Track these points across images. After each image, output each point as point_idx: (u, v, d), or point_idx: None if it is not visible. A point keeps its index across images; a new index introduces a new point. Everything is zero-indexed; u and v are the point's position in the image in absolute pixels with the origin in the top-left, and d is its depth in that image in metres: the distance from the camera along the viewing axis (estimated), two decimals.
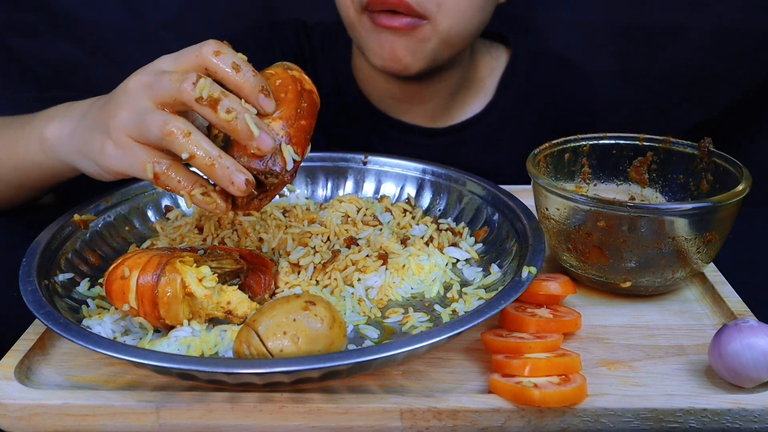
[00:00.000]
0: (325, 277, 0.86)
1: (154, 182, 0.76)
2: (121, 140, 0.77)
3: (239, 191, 0.73)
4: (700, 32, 1.53)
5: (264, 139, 0.73)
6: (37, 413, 0.68)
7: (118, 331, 0.77)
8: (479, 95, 1.33)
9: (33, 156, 0.96)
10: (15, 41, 1.51)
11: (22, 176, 1.02)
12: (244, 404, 0.68)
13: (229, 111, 0.71)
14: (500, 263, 0.88)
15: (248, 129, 0.72)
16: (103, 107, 0.81)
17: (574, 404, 0.67)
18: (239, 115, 0.72)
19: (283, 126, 0.75)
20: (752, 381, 0.70)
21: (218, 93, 0.72)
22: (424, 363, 0.75)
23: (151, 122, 0.74)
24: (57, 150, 0.91)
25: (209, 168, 0.73)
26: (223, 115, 0.71)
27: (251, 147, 0.73)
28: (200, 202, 0.76)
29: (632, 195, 0.97)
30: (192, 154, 0.72)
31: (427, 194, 1.04)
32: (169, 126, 0.73)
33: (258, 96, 0.74)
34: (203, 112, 0.72)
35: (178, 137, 0.72)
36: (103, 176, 0.84)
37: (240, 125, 0.72)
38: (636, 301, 0.87)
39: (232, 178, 0.73)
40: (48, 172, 0.97)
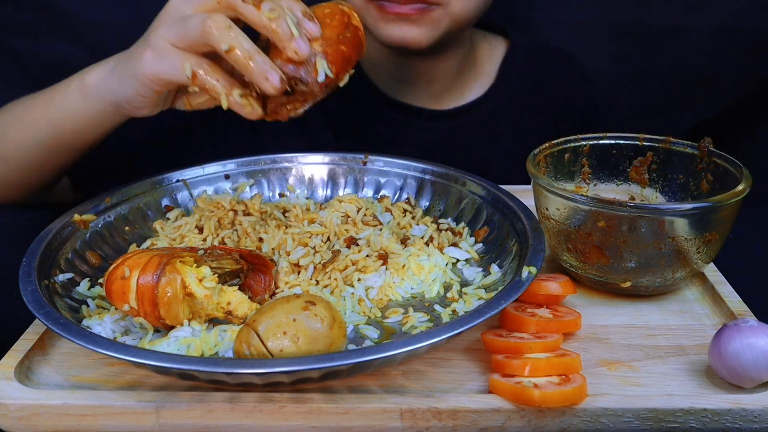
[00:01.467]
0: (325, 277, 0.86)
1: (192, 81, 0.80)
2: (161, 46, 0.81)
3: (272, 88, 0.76)
4: (700, 32, 1.53)
5: (301, 42, 0.76)
6: (37, 413, 0.68)
7: (118, 331, 0.77)
8: (480, 79, 1.35)
9: (73, 107, 1.00)
10: (15, 41, 1.50)
11: (58, 135, 1.04)
12: (244, 404, 0.68)
13: (272, 10, 0.75)
14: (500, 263, 0.88)
15: (288, 30, 0.75)
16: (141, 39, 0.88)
17: (574, 404, 0.67)
18: (282, 15, 0.75)
19: (322, 44, 0.79)
20: (752, 381, 0.70)
21: None
22: (424, 363, 0.75)
23: (191, 21, 0.78)
24: (100, 89, 0.95)
25: (246, 62, 0.76)
26: (267, 12, 0.75)
27: (288, 49, 0.76)
28: (236, 103, 0.79)
29: (632, 195, 0.97)
30: (231, 46, 0.75)
31: (427, 194, 1.04)
32: (209, 20, 0.76)
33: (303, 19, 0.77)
34: (247, 11, 0.76)
35: (220, 29, 0.76)
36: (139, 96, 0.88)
37: (281, 25, 0.75)
38: (636, 301, 0.87)
39: (267, 74, 0.75)
40: (87, 121, 1.00)
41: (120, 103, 0.93)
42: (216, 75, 0.79)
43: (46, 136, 1.06)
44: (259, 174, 1.07)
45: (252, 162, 1.07)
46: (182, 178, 1.04)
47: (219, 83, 0.79)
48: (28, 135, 1.07)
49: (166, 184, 1.03)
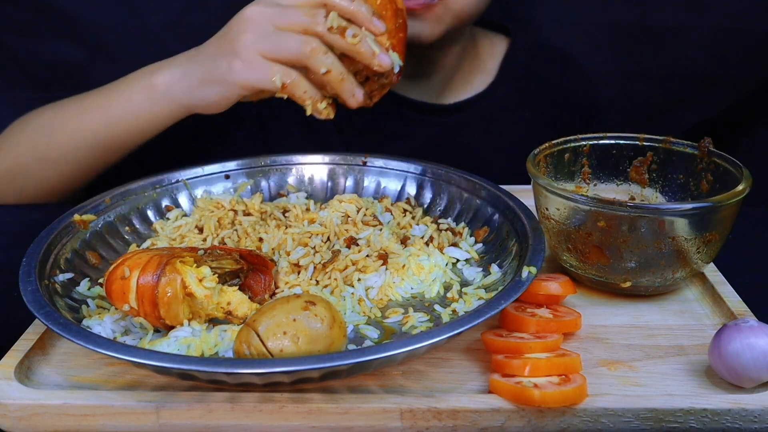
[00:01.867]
0: (325, 277, 0.86)
1: (280, 90, 0.92)
2: (250, 57, 0.92)
3: (357, 102, 0.92)
4: (700, 32, 1.53)
5: (383, 56, 0.90)
6: (37, 413, 0.68)
7: (118, 331, 0.77)
8: (481, 74, 1.36)
9: (138, 108, 1.05)
10: (15, 41, 1.50)
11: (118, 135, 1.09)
12: (244, 404, 0.68)
13: (354, 35, 0.88)
14: (500, 263, 0.88)
15: (371, 50, 0.89)
16: (218, 41, 0.98)
17: (574, 404, 0.67)
18: (363, 38, 0.89)
19: (387, 38, 0.94)
20: (752, 381, 0.70)
21: (344, 23, 0.89)
22: (424, 363, 0.75)
23: (289, 40, 0.90)
24: (172, 91, 1.02)
25: (340, 82, 0.90)
26: (350, 39, 0.88)
27: (374, 65, 0.90)
28: (320, 111, 0.93)
29: (632, 195, 0.97)
30: (329, 69, 0.89)
31: (427, 194, 1.04)
32: (309, 45, 0.89)
33: (371, 20, 0.90)
34: (333, 39, 0.89)
35: (318, 54, 0.89)
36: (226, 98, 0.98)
37: (364, 47, 0.89)
38: (636, 301, 0.87)
39: (353, 92, 0.92)
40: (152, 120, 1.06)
41: (195, 105, 1.01)
42: (304, 86, 0.92)
43: (104, 137, 1.09)
44: (259, 174, 1.07)
45: (252, 162, 1.07)
46: (182, 178, 1.04)
47: (306, 93, 0.92)
48: (82, 137, 1.10)
49: (166, 184, 1.02)
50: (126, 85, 1.07)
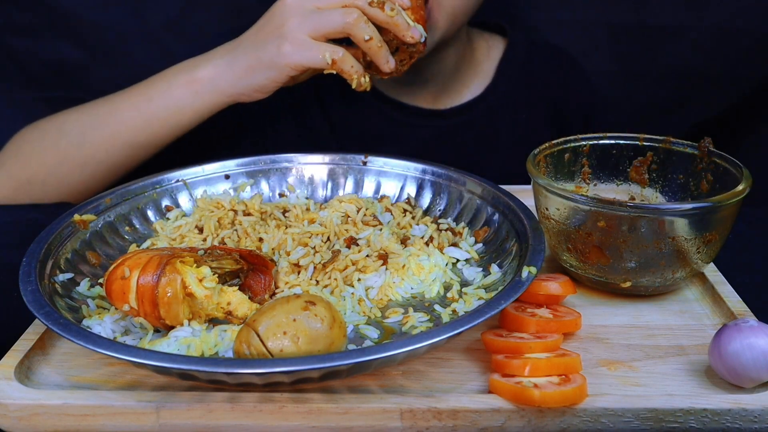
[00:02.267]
0: (325, 277, 0.86)
1: (330, 66, 1.01)
2: (298, 38, 1.00)
3: (390, 68, 1.03)
4: (700, 32, 1.53)
5: (415, 29, 1.02)
6: (37, 413, 0.68)
7: (118, 331, 0.77)
8: (477, 78, 1.36)
9: (180, 103, 1.09)
10: (15, 41, 1.50)
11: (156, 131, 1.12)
12: (244, 404, 0.68)
13: (392, 8, 0.99)
14: (500, 263, 0.88)
15: (406, 23, 1.01)
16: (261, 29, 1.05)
17: (574, 404, 0.67)
18: (399, 12, 1.00)
19: (411, 13, 1.04)
20: (752, 381, 0.70)
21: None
22: (424, 363, 0.75)
23: (331, 15, 0.99)
24: (216, 84, 1.07)
25: (378, 49, 1.00)
26: (389, 11, 0.98)
27: (407, 36, 1.01)
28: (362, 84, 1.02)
29: (632, 195, 0.97)
30: (371, 36, 0.99)
31: (427, 194, 1.04)
32: (351, 16, 0.98)
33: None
34: (373, 12, 0.99)
35: (360, 23, 0.98)
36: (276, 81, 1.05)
37: (400, 20, 1.00)
38: (636, 301, 0.87)
39: (388, 58, 1.02)
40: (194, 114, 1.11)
41: (241, 93, 1.07)
42: (351, 61, 1.01)
43: (141, 135, 1.12)
44: (259, 174, 1.07)
45: (252, 162, 1.07)
46: (182, 178, 1.04)
47: (353, 68, 1.01)
48: (118, 137, 1.12)
49: (166, 184, 1.02)
50: (164, 81, 1.10)
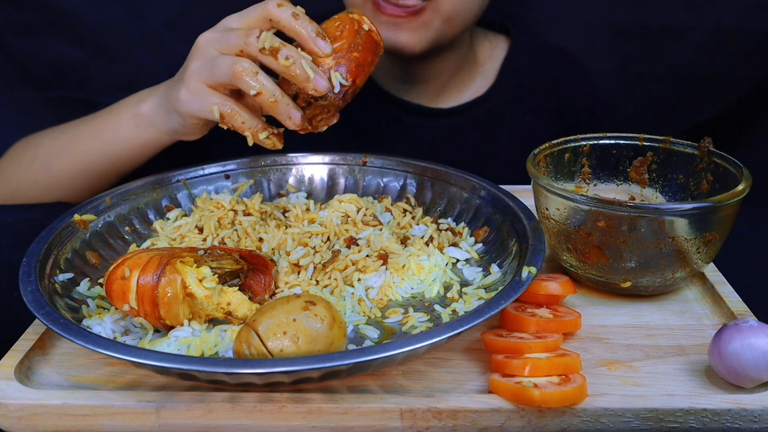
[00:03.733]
0: (325, 277, 0.86)
1: (220, 121, 0.90)
2: (193, 85, 0.90)
3: (295, 125, 0.88)
4: (700, 32, 1.53)
5: (318, 80, 0.85)
6: (37, 413, 0.68)
7: (118, 331, 0.77)
8: (479, 78, 1.36)
9: (128, 135, 1.06)
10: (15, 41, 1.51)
11: (113, 161, 1.10)
12: (244, 404, 0.68)
13: (287, 58, 0.84)
14: (500, 263, 0.88)
15: (305, 72, 0.84)
16: (182, 69, 0.94)
17: (574, 404, 0.67)
18: (297, 60, 0.84)
19: (334, 58, 0.88)
20: (752, 381, 0.70)
21: (278, 43, 0.85)
22: (424, 363, 0.75)
23: (221, 64, 0.87)
24: (153, 120, 1.03)
25: (273, 104, 0.86)
26: (283, 61, 0.84)
27: (308, 89, 0.85)
28: (262, 141, 0.90)
29: (632, 195, 0.97)
30: (259, 90, 0.85)
31: (427, 194, 1.04)
32: (238, 65, 0.85)
33: (315, 39, 0.86)
34: (266, 60, 0.85)
35: (248, 74, 0.85)
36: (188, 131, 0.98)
37: (298, 69, 0.84)
38: (636, 301, 0.87)
39: (290, 113, 0.87)
40: (142, 147, 1.08)
41: (176, 131, 1.01)
42: (241, 116, 0.89)
43: (99, 164, 1.11)
44: (259, 174, 1.07)
45: (252, 162, 1.07)
46: (182, 178, 1.04)
47: (245, 124, 0.89)
48: (78, 165, 1.12)
49: (166, 184, 1.02)
50: (116, 112, 1.09)
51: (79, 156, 1.12)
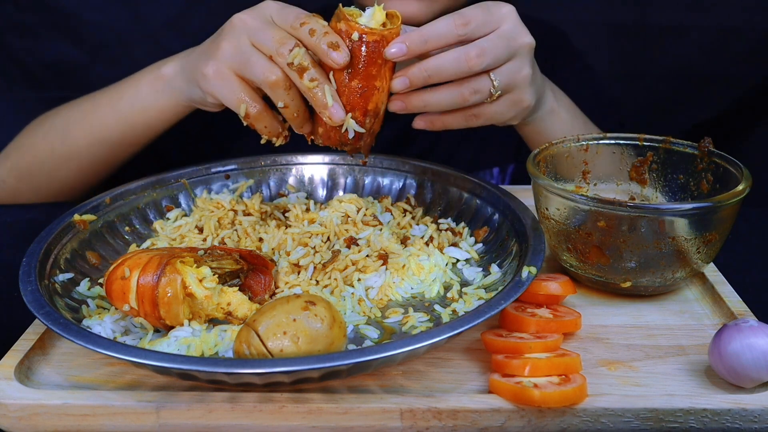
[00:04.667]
0: (325, 277, 0.86)
1: (243, 119, 0.90)
2: (222, 70, 0.89)
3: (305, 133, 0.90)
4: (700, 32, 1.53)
5: (336, 109, 0.84)
6: (37, 413, 0.68)
7: (118, 331, 0.77)
8: None
9: (145, 101, 1.06)
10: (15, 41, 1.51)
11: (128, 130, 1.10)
12: (244, 404, 0.68)
13: (312, 80, 0.83)
14: (500, 263, 0.88)
15: (324, 99, 0.83)
16: (210, 41, 0.93)
17: (574, 404, 0.67)
18: (320, 85, 0.83)
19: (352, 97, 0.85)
20: (752, 381, 0.70)
21: (307, 63, 0.83)
22: (424, 363, 0.75)
23: (256, 65, 0.85)
24: (173, 84, 1.02)
25: (292, 118, 0.87)
26: (307, 82, 0.83)
27: (324, 115, 0.84)
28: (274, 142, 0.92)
29: (632, 195, 0.97)
30: (286, 104, 0.86)
31: (427, 194, 1.04)
32: (273, 76, 0.84)
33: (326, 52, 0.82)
34: (292, 76, 0.84)
35: (281, 88, 0.85)
36: (207, 103, 0.97)
37: (319, 94, 0.83)
38: (636, 301, 0.87)
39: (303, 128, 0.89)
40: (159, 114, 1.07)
41: (193, 99, 1.01)
42: (266, 121, 0.90)
43: (114, 133, 1.10)
44: (259, 174, 1.07)
45: (252, 162, 1.07)
46: (182, 178, 1.04)
47: (267, 128, 0.90)
48: (95, 133, 1.12)
49: (166, 184, 1.02)
50: (136, 78, 1.09)
51: (96, 123, 1.12)
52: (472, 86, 0.87)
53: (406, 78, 0.85)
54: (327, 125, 0.86)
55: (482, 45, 0.85)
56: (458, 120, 0.91)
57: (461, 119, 0.91)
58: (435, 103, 0.88)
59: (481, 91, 0.87)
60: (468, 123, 0.92)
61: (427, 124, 0.93)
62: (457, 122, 0.92)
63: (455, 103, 0.88)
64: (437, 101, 0.87)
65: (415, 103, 0.88)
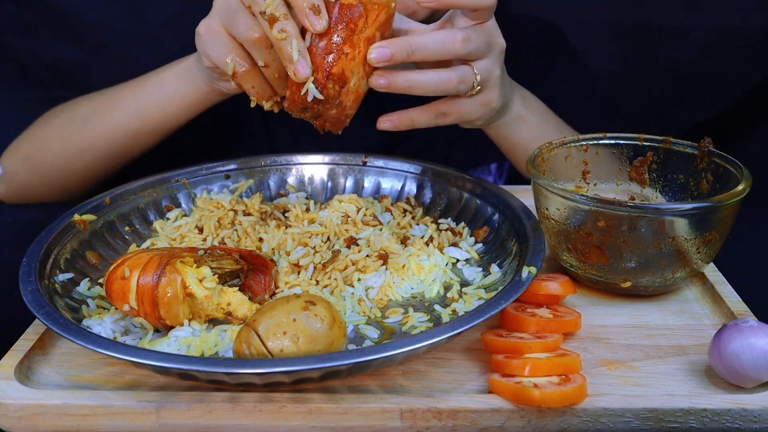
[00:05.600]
0: (325, 277, 0.86)
1: (231, 78, 0.88)
2: (213, 27, 0.88)
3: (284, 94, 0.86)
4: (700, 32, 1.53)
5: (302, 65, 0.80)
6: (37, 413, 0.68)
7: (118, 331, 0.77)
8: None
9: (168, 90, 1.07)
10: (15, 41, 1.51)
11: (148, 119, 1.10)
12: (244, 404, 0.68)
13: (281, 31, 0.79)
14: (500, 263, 0.88)
15: (290, 53, 0.79)
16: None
17: (574, 404, 0.67)
18: (289, 38, 0.79)
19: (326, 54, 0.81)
20: (752, 381, 0.70)
21: (279, 14, 0.80)
22: (424, 363, 0.75)
23: (240, 22, 0.84)
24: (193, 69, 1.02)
25: (276, 81, 0.86)
26: (276, 33, 0.80)
27: (289, 70, 0.81)
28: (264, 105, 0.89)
29: (632, 195, 0.97)
30: (267, 64, 0.84)
31: (427, 194, 1.04)
32: (256, 32, 0.83)
33: (306, 13, 0.79)
34: (262, 25, 0.81)
35: (261, 46, 0.83)
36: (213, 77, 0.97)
37: (287, 47, 0.80)
38: (636, 301, 0.87)
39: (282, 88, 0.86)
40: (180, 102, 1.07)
41: (211, 81, 1.00)
42: (252, 81, 0.88)
43: (135, 122, 1.11)
44: (259, 174, 1.07)
45: (252, 162, 1.07)
46: (182, 178, 1.04)
47: (254, 89, 0.88)
48: (115, 123, 1.12)
49: (166, 184, 1.02)
50: (162, 69, 1.09)
51: (117, 114, 1.12)
52: (458, 73, 0.85)
53: (387, 49, 0.82)
54: (293, 87, 0.83)
55: (468, 33, 0.84)
56: (427, 117, 0.89)
57: (430, 116, 0.89)
58: (422, 84, 0.84)
59: (467, 82, 0.86)
60: (437, 121, 0.90)
61: (395, 124, 0.89)
62: (426, 120, 0.89)
63: (441, 88, 0.85)
64: (424, 82, 0.84)
65: (399, 81, 0.84)
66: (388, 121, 0.90)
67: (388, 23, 0.83)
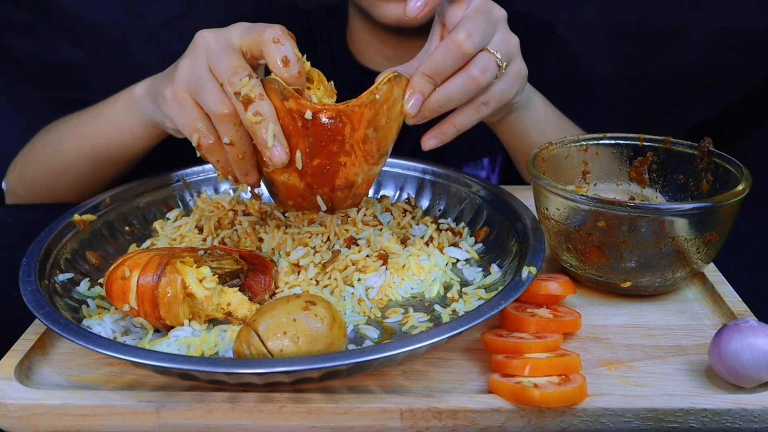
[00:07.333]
0: (325, 277, 0.86)
1: (197, 149, 0.82)
2: (180, 94, 0.82)
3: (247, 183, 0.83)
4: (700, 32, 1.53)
5: (277, 150, 0.76)
6: (37, 413, 0.68)
7: (118, 331, 0.77)
8: None
9: (119, 119, 1.03)
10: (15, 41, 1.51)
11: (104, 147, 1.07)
12: (244, 404, 0.68)
13: (256, 114, 0.75)
14: (500, 263, 0.88)
15: (264, 138, 0.75)
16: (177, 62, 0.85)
17: (574, 404, 0.67)
18: (264, 121, 0.75)
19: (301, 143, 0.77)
20: (752, 381, 0.70)
21: (255, 95, 0.75)
22: (424, 363, 0.75)
23: (211, 94, 0.78)
24: (141, 104, 0.98)
25: (239, 162, 0.80)
26: (250, 116, 0.75)
27: (265, 155, 0.77)
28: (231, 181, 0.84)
29: (632, 195, 0.97)
30: (233, 142, 0.78)
31: (427, 194, 1.04)
32: (225, 108, 0.77)
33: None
34: (237, 106, 0.76)
35: (228, 122, 0.77)
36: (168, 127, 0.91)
37: (260, 131, 0.75)
38: (636, 301, 0.87)
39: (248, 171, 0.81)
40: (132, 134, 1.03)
41: (157, 123, 0.96)
42: (218, 155, 0.82)
43: (94, 149, 1.09)
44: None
45: None
46: (182, 178, 1.04)
47: (218, 163, 0.83)
48: (79, 148, 1.11)
49: (166, 184, 1.03)
50: (117, 96, 1.06)
51: (80, 140, 1.11)
52: (478, 66, 0.81)
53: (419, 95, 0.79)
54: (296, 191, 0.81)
55: (465, 27, 0.80)
56: (469, 115, 0.85)
57: (471, 113, 0.85)
58: (447, 97, 0.80)
59: (489, 68, 0.82)
60: (479, 114, 0.86)
61: (440, 139, 0.85)
62: (469, 118, 0.86)
63: (469, 90, 0.81)
64: (449, 96, 0.80)
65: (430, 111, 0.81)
66: (433, 138, 0.85)
67: (378, 116, 0.77)
